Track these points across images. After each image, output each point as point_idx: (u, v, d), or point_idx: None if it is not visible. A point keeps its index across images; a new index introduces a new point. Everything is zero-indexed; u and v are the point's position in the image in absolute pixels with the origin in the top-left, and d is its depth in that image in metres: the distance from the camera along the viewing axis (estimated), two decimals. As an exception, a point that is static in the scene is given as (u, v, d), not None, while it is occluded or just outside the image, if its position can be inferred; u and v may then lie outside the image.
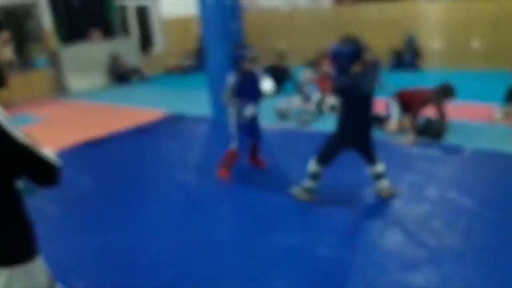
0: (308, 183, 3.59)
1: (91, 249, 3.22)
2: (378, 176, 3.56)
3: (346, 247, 2.99)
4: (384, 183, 3.58)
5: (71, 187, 4.23)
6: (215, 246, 3.13)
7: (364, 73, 3.32)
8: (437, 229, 3.13)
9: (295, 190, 3.70)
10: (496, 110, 5.50)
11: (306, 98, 6.26)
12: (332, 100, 5.89)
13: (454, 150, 4.57)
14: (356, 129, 3.41)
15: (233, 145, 4.16)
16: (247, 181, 4.31)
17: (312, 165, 3.52)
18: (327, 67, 6.14)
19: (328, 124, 3.83)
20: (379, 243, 3.02)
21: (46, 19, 9.25)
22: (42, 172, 1.39)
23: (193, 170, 4.65)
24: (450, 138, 4.91)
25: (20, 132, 1.30)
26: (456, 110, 5.68)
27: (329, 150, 3.48)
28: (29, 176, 1.38)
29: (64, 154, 5.23)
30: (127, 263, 3.00)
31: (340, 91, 3.33)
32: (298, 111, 6.20)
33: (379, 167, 3.55)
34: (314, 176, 3.54)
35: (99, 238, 3.36)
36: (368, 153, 3.52)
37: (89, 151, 5.48)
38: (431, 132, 4.94)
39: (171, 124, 6.41)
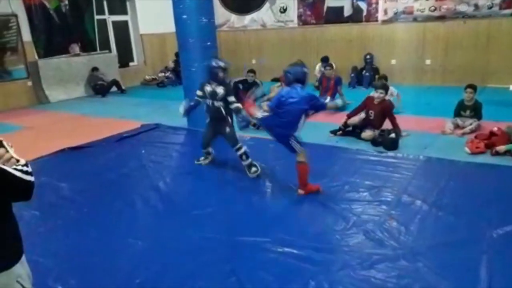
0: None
1: (69, 251, 3.15)
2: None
3: (311, 246, 3.03)
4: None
5: (49, 193, 4.12)
6: (191, 248, 3.12)
7: None
8: (393, 229, 3.22)
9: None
10: (446, 122, 5.71)
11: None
12: None
13: (409, 158, 4.71)
14: None
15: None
16: (221, 183, 4.33)
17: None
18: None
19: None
20: (341, 243, 3.08)
21: (25, 31, 9.02)
22: (10, 187, 1.28)
23: (168, 176, 4.61)
24: (405, 147, 5.06)
25: None
26: (411, 122, 5.88)
27: None
28: (1, 194, 1.28)
29: (43, 161, 5.11)
30: (104, 265, 2.94)
31: None
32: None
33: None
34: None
35: (77, 241, 3.29)
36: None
37: (68, 159, 5.34)
38: (386, 142, 5.08)
39: (148, 134, 6.34)
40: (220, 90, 4.35)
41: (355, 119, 5.64)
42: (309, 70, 3.92)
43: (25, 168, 1.30)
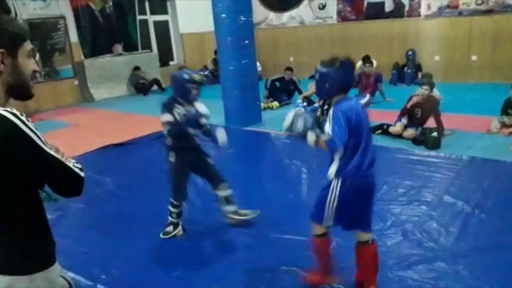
0: None
1: (112, 243, 3.31)
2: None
3: (347, 245, 3.02)
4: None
5: (94, 187, 4.33)
6: (229, 243, 3.21)
7: None
8: (433, 230, 3.16)
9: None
10: (493, 121, 5.49)
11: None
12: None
13: (451, 158, 4.58)
14: None
15: None
16: (257, 180, 4.38)
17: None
18: None
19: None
20: (379, 242, 3.04)
21: (72, 32, 9.48)
22: (69, 182, 1.35)
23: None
24: (448, 146, 4.92)
25: (48, 145, 1.25)
26: (455, 121, 5.70)
27: None
28: (55, 185, 1.33)
29: (89, 156, 5.36)
30: (145, 257, 3.07)
31: None
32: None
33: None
34: None
35: (120, 233, 3.45)
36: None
37: (111, 155, 5.59)
38: (428, 141, 4.96)
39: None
40: (196, 110, 3.32)
41: (397, 129, 5.43)
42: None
43: (77, 165, 1.38)
